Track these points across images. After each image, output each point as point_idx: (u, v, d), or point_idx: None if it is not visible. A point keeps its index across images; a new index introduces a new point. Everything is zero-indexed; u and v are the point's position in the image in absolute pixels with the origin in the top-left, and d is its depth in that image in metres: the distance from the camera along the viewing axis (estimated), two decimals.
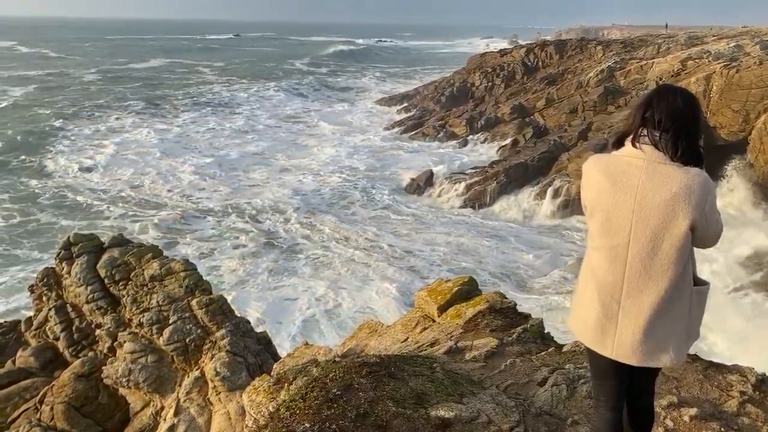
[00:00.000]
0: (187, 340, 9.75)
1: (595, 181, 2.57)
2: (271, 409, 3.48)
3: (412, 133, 40.84)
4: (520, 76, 46.19)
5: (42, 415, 9.49)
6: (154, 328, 9.95)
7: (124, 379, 9.70)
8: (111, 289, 10.79)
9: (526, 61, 48.07)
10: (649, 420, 2.95)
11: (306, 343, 7.18)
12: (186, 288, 10.23)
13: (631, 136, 2.53)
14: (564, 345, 5.22)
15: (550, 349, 5.08)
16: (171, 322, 9.89)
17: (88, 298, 10.82)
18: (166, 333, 9.75)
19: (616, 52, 42.68)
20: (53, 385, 9.87)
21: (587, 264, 2.66)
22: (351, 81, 73.56)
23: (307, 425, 3.14)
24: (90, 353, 10.77)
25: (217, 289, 12.41)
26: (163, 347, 9.81)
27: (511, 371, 4.51)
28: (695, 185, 2.36)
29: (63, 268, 11.36)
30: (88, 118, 44.65)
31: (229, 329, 9.71)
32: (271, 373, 4.93)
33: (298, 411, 3.30)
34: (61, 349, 11.12)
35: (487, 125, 37.83)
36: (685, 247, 2.42)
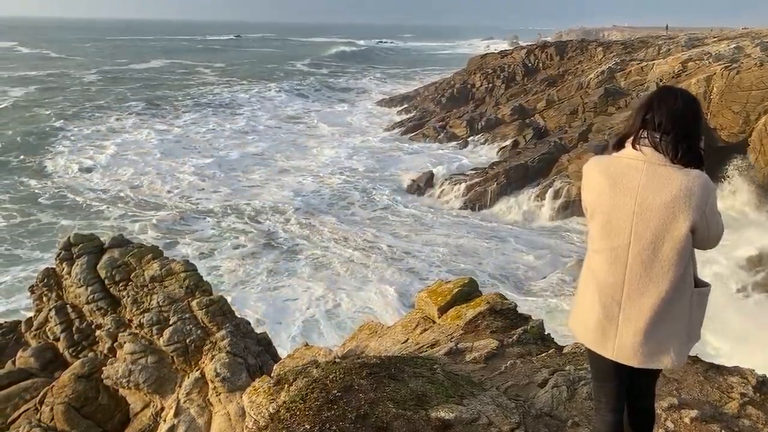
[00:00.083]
0: (187, 341, 9.75)
1: (595, 183, 2.57)
2: (271, 410, 3.47)
3: (412, 134, 40.86)
4: (520, 77, 46.20)
5: (42, 415, 9.48)
6: (154, 328, 9.94)
7: (125, 380, 9.70)
8: (111, 289, 10.79)
9: (527, 62, 48.08)
10: (649, 421, 2.95)
11: (306, 344, 7.18)
12: (186, 289, 10.23)
13: (631, 138, 2.53)
14: (564, 346, 5.22)
15: (550, 350, 5.08)
16: (171, 322, 9.89)
17: (89, 298, 10.82)
18: (167, 334, 9.74)
19: (617, 53, 42.69)
20: (53, 385, 9.86)
21: (588, 266, 2.66)
22: (351, 82, 73.59)
23: (307, 426, 3.14)
24: (90, 354, 10.77)
25: (217, 289, 12.41)
26: (163, 348, 9.81)
27: (511, 373, 4.51)
28: (695, 187, 2.36)
29: (63, 269, 11.36)
30: (88, 118, 44.69)
31: (229, 330, 9.70)
32: (271, 374, 4.93)
33: (298, 412, 3.30)
34: (61, 350, 11.12)
35: (487, 126, 37.84)
36: (686, 249, 2.42)
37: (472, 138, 37.29)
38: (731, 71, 27.86)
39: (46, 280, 11.61)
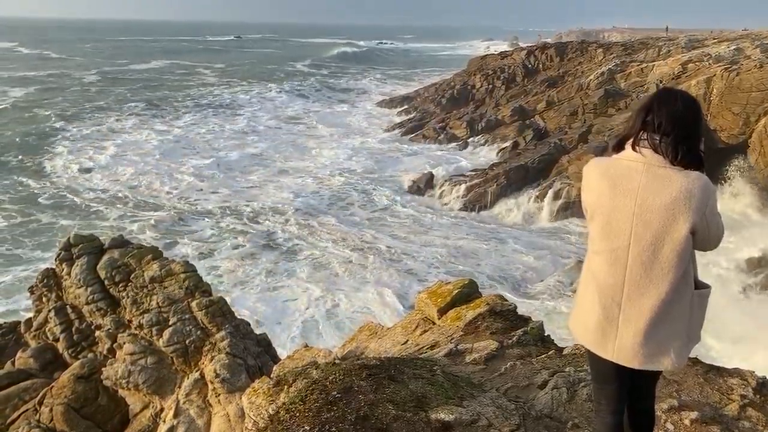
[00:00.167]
0: (186, 342, 9.74)
1: (595, 185, 2.57)
2: (270, 411, 3.47)
3: (412, 135, 40.87)
4: (520, 78, 46.23)
5: (41, 416, 9.48)
6: (154, 329, 9.94)
7: (124, 381, 9.70)
8: (111, 290, 10.79)
9: (527, 63, 48.10)
10: (649, 423, 2.95)
11: (306, 345, 7.17)
12: (186, 289, 10.23)
13: (631, 140, 2.53)
14: (564, 348, 5.21)
15: (550, 351, 5.07)
16: (171, 323, 9.89)
17: (88, 299, 10.81)
18: (166, 334, 9.74)
19: (617, 54, 42.70)
20: (53, 386, 9.86)
21: (588, 267, 2.65)
22: (351, 83, 73.60)
23: (306, 428, 3.14)
24: (90, 354, 10.77)
25: (216, 290, 12.41)
26: (162, 349, 9.81)
27: (511, 374, 4.50)
28: (695, 189, 2.36)
29: (63, 269, 11.35)
30: (88, 119, 44.70)
31: (229, 331, 9.70)
32: (271, 375, 4.93)
33: (297, 413, 3.29)
34: (60, 350, 11.11)
35: (487, 127, 37.85)
36: (686, 251, 2.42)
37: (472, 139, 37.31)
38: (731, 73, 27.87)
39: (45, 281, 11.61)
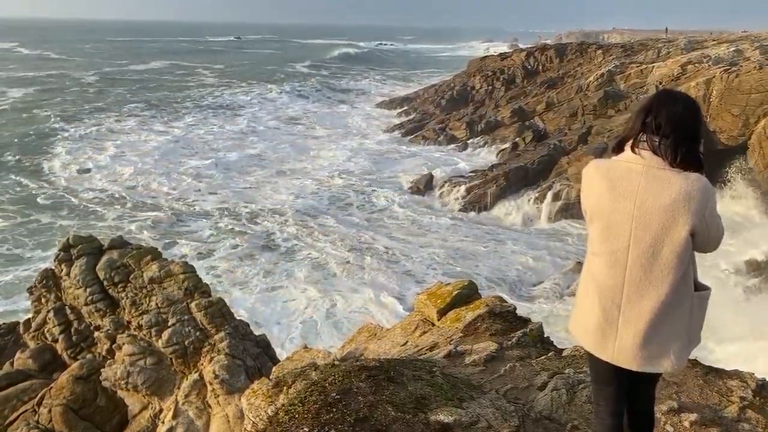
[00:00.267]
0: (186, 343, 9.73)
1: (594, 187, 2.56)
2: (269, 412, 3.47)
3: (412, 136, 40.88)
4: (520, 79, 46.26)
5: (40, 417, 9.47)
6: (153, 330, 9.93)
7: (123, 382, 9.68)
8: (110, 291, 10.78)
9: (527, 64, 48.14)
10: (649, 425, 2.94)
11: (305, 347, 7.17)
12: (185, 290, 10.22)
13: (630, 142, 2.53)
14: (564, 349, 5.21)
15: (549, 353, 5.07)
16: (170, 324, 9.88)
17: (87, 299, 10.80)
18: (165, 335, 9.73)
19: (616, 56, 42.75)
20: (52, 387, 9.85)
21: (587, 269, 2.65)
22: (352, 84, 73.62)
23: (305, 429, 3.13)
24: (89, 355, 10.76)
25: (215, 290, 12.40)
26: (162, 349, 9.80)
27: (510, 375, 4.50)
28: (695, 191, 2.36)
29: (62, 270, 11.35)
30: (87, 119, 44.69)
31: (228, 332, 9.70)
32: (270, 377, 4.92)
33: (296, 415, 3.29)
34: (59, 351, 11.10)
35: (487, 128, 37.86)
36: (686, 253, 2.42)
37: (471, 140, 37.31)
38: (731, 74, 27.88)
39: (44, 282, 11.60)
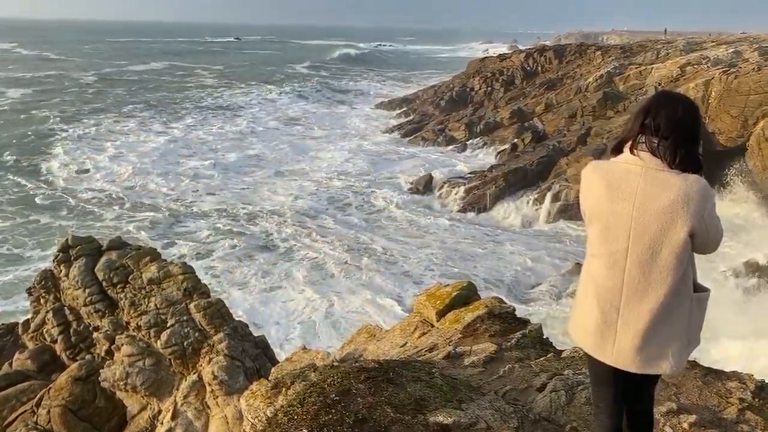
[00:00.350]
0: (185, 344, 9.72)
1: (593, 188, 2.56)
2: (268, 414, 3.46)
3: (411, 137, 40.88)
4: (519, 80, 46.28)
5: (39, 418, 9.46)
6: (152, 331, 9.92)
7: (122, 382, 9.68)
8: (109, 291, 10.78)
9: (526, 65, 48.17)
10: (648, 427, 2.94)
11: (304, 348, 7.17)
12: (184, 291, 10.22)
13: (629, 143, 2.53)
14: (563, 350, 5.21)
15: (549, 354, 5.06)
16: (169, 325, 9.87)
17: (86, 300, 10.80)
18: (164, 336, 9.72)
19: (615, 57, 42.78)
20: (50, 388, 9.84)
21: (586, 270, 2.65)
22: (351, 84, 73.62)
23: (304, 430, 3.13)
24: (88, 356, 10.75)
25: (213, 291, 12.40)
26: (161, 350, 9.79)
27: (509, 377, 4.50)
28: (693, 192, 2.36)
29: (61, 271, 11.34)
30: (86, 120, 44.64)
31: (227, 333, 9.69)
32: (269, 378, 4.92)
33: (295, 416, 3.28)
34: (58, 352, 11.10)
35: (486, 129, 37.88)
36: (685, 254, 2.42)
37: (470, 141, 37.32)
38: (729, 75, 27.92)
39: (43, 282, 11.60)
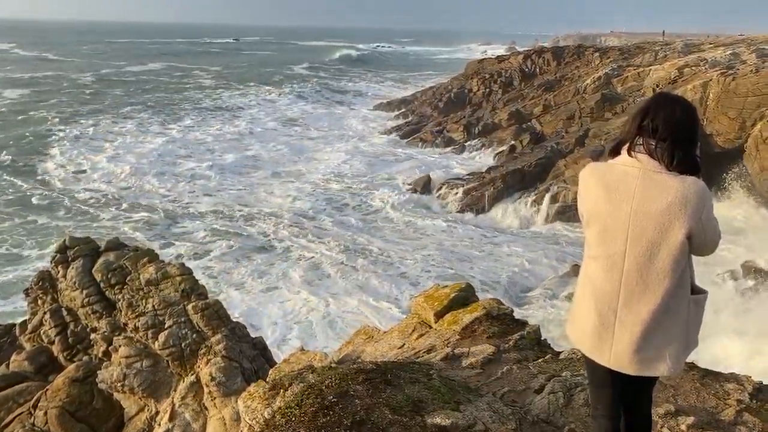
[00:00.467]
0: (182, 345, 9.71)
1: (591, 190, 2.57)
2: (266, 415, 3.46)
3: (409, 138, 40.88)
4: (517, 82, 46.30)
5: (36, 419, 9.43)
6: (149, 332, 9.90)
7: (119, 384, 9.66)
8: (107, 293, 10.76)
9: (524, 67, 48.20)
10: (646, 428, 2.94)
11: (302, 349, 7.16)
12: (182, 292, 10.20)
13: (627, 145, 2.53)
14: (561, 352, 5.21)
15: (547, 356, 5.07)
16: (167, 326, 9.85)
17: (84, 301, 10.78)
18: (162, 337, 9.70)
19: (614, 59, 42.81)
20: (47, 389, 9.81)
21: (584, 272, 2.65)
22: (349, 85, 73.60)
23: None
24: (85, 357, 10.74)
25: (210, 292, 12.38)
26: (158, 352, 9.77)
27: (508, 378, 4.50)
28: (691, 194, 2.36)
29: (59, 272, 11.32)
30: (83, 120, 44.56)
31: (225, 334, 9.67)
32: (267, 379, 4.91)
33: (293, 418, 3.28)
34: (55, 353, 11.07)
35: (484, 131, 37.88)
36: (682, 256, 2.42)
37: (469, 142, 37.32)
38: (727, 77, 27.96)
39: (41, 283, 11.58)
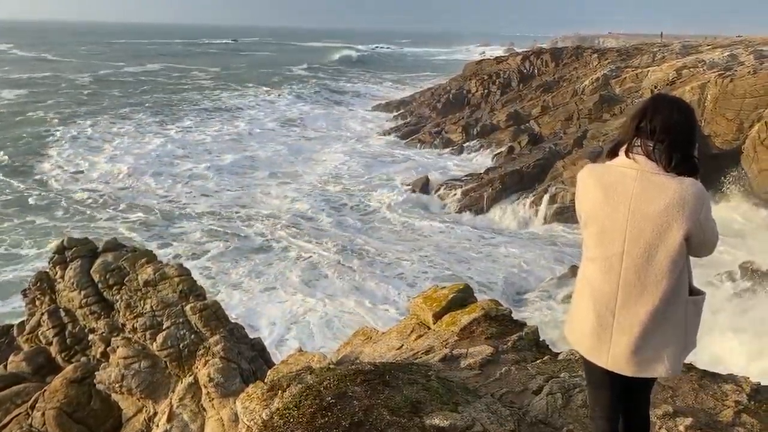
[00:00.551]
0: (180, 346, 9.70)
1: (589, 192, 2.56)
2: (264, 416, 3.45)
3: (408, 139, 40.90)
4: (516, 83, 46.35)
5: (33, 420, 9.41)
6: (147, 333, 9.89)
7: (117, 385, 9.64)
8: (105, 293, 10.75)
9: (522, 68, 48.25)
10: (644, 429, 2.94)
11: (300, 350, 7.15)
12: (180, 293, 10.19)
13: (625, 146, 2.53)
14: (559, 353, 5.21)
15: (545, 357, 5.07)
16: (165, 327, 9.84)
17: (82, 302, 10.77)
18: (160, 338, 9.70)
19: (612, 60, 42.88)
20: (45, 390, 9.80)
21: (582, 274, 2.65)
22: (348, 86, 73.61)
23: None
24: (83, 358, 10.72)
25: (208, 292, 12.37)
26: (156, 353, 9.76)
27: (506, 379, 4.50)
28: (689, 195, 2.35)
29: (56, 272, 11.31)
30: (81, 121, 44.50)
31: (223, 335, 9.66)
32: (265, 380, 4.91)
33: (291, 419, 3.28)
34: (53, 354, 11.06)
35: (482, 132, 37.91)
36: (680, 258, 2.42)
37: (467, 143, 37.34)
38: (725, 79, 28.01)
39: (39, 284, 11.56)
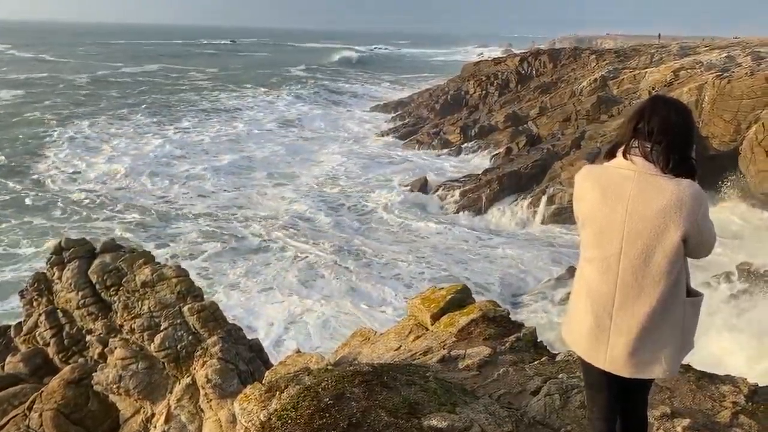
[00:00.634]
0: (178, 347, 9.69)
1: (586, 193, 2.57)
2: (262, 417, 3.45)
3: (406, 140, 40.90)
4: (514, 84, 46.40)
5: (31, 421, 9.39)
6: (145, 334, 9.88)
7: (115, 386, 9.63)
8: (102, 294, 10.74)
9: (520, 69, 48.30)
10: (642, 430, 2.95)
11: (298, 351, 7.15)
12: (178, 294, 10.18)
13: (622, 147, 2.53)
14: (557, 354, 5.21)
15: (543, 358, 5.07)
16: (163, 328, 9.83)
17: (79, 303, 10.75)
18: (158, 339, 9.68)
19: (610, 61, 42.93)
20: (42, 391, 9.78)
21: (580, 275, 2.65)
22: (346, 87, 73.61)
23: None
24: (80, 359, 10.70)
25: (205, 293, 12.36)
26: (154, 354, 9.75)
27: (504, 380, 4.50)
28: (687, 197, 2.36)
29: (54, 273, 11.29)
30: (78, 121, 44.44)
31: (221, 336, 9.66)
32: (263, 381, 4.90)
33: (289, 420, 3.27)
34: (51, 355, 11.04)
35: (480, 133, 37.93)
36: (678, 259, 2.42)
37: (465, 144, 37.35)
38: (723, 80, 28.06)
39: (36, 285, 11.54)
